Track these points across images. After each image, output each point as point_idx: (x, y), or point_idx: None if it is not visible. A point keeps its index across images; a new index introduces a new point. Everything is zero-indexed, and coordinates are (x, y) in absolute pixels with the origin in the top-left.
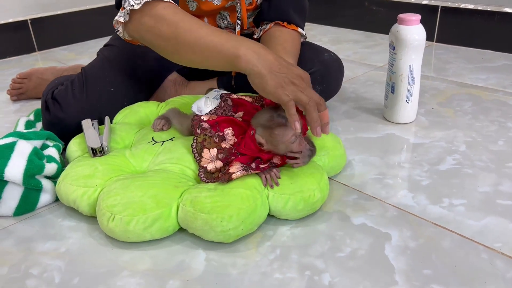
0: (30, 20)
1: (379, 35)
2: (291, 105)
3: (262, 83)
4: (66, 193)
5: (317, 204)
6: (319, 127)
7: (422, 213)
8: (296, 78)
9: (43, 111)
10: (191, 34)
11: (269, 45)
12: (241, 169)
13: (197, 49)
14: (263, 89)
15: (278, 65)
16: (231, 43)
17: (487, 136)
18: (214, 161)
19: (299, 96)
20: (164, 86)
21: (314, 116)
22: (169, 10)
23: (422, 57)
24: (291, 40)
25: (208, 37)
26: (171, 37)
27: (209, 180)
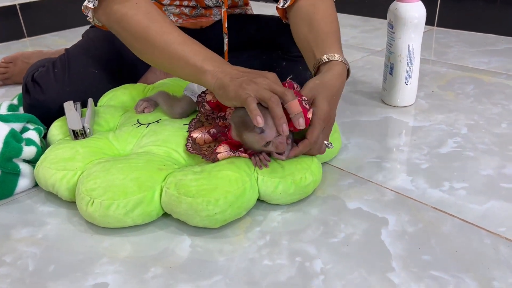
0: (18, 5)
1: (378, 20)
2: (250, 100)
3: (224, 92)
4: (45, 177)
5: (309, 188)
6: (284, 124)
7: (421, 197)
8: (258, 77)
9: (24, 94)
10: (161, 38)
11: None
12: (228, 151)
13: (165, 54)
14: (226, 97)
15: (239, 73)
16: (200, 57)
17: (490, 118)
18: (204, 133)
19: (260, 93)
20: (153, 68)
21: (277, 112)
22: (142, 4)
23: (421, 36)
24: (329, 15)
25: (179, 46)
26: (141, 36)
27: (194, 151)
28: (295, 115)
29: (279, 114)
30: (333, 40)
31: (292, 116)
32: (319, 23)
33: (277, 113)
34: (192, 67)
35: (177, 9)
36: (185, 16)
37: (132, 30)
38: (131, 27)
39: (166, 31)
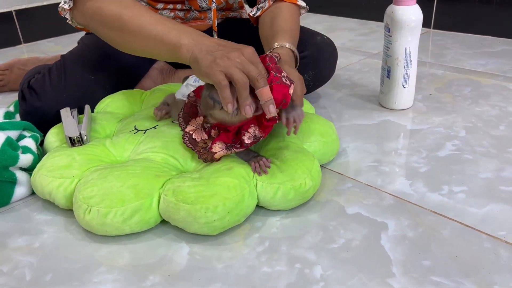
0: (15, 12)
1: (375, 23)
2: (223, 85)
3: (198, 65)
4: (41, 185)
5: (308, 193)
6: (248, 106)
7: (421, 201)
8: (233, 52)
9: (20, 100)
10: (134, 22)
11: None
12: (224, 148)
13: (141, 37)
14: (199, 71)
15: (215, 46)
16: (174, 33)
17: (488, 121)
18: (200, 129)
19: (232, 72)
20: (150, 74)
21: (242, 95)
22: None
23: (418, 39)
24: (290, 17)
25: (151, 26)
26: (115, 24)
27: (191, 145)
28: (265, 102)
29: (243, 97)
30: (288, 34)
31: (262, 103)
32: (279, 22)
33: (242, 95)
34: (168, 44)
35: (171, 13)
36: (180, 20)
37: (107, 20)
38: (105, 18)
39: (138, 13)
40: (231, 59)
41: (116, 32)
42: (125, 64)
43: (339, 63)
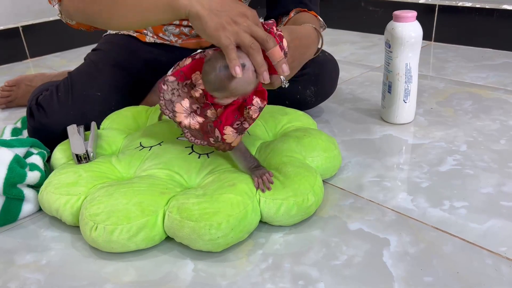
0: (21, 27)
1: (376, 36)
2: (231, 49)
3: (201, 25)
4: (49, 202)
5: (311, 209)
6: (266, 72)
7: (422, 217)
8: (239, 16)
9: (28, 117)
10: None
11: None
12: (235, 133)
13: (134, 6)
14: (204, 32)
15: (219, 3)
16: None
17: (489, 135)
18: (190, 114)
19: (241, 37)
20: (155, 90)
21: (259, 60)
22: None
23: (419, 54)
24: (311, 20)
25: None
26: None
27: (198, 140)
28: (278, 62)
29: (260, 62)
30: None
31: (275, 64)
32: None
33: (258, 61)
34: (164, 3)
35: (176, 29)
36: (185, 36)
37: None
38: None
39: None
40: (238, 24)
41: (108, 7)
42: (131, 80)
43: (341, 77)
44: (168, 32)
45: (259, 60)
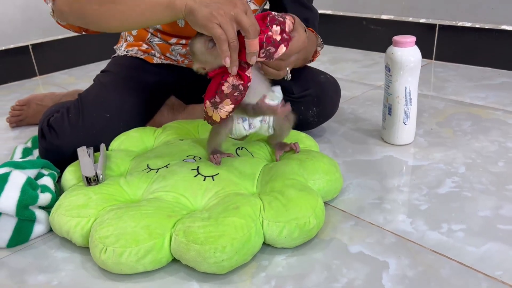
0: (31, 46)
1: (378, 54)
2: (222, 40)
3: (194, 17)
4: (60, 224)
5: (312, 231)
6: (227, 57)
7: (421, 240)
8: (228, 5)
9: (39, 138)
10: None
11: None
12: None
13: (133, 5)
14: (196, 23)
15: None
16: None
17: (487, 157)
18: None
19: (226, 28)
20: (162, 110)
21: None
22: None
23: (418, 78)
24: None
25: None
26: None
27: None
28: (249, 53)
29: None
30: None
31: (247, 53)
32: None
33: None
34: (162, 2)
35: (183, 49)
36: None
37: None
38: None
39: None
40: (226, 12)
41: (106, 7)
42: (139, 101)
43: (343, 96)
44: (175, 52)
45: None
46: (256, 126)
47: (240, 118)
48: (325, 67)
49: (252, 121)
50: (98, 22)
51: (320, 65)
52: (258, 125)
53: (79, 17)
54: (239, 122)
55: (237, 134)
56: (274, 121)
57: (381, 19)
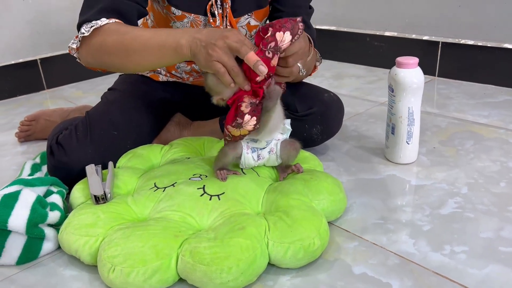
0: (39, 60)
1: (381, 70)
2: (222, 73)
3: (197, 60)
4: (68, 242)
5: (317, 252)
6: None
7: (423, 261)
8: (219, 39)
9: (48, 155)
10: (137, 41)
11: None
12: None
13: (145, 53)
14: (200, 65)
15: (205, 35)
16: (172, 38)
17: (489, 177)
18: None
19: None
20: (168, 127)
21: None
22: (113, 27)
23: (421, 99)
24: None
25: (152, 39)
26: (119, 50)
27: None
28: (254, 65)
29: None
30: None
31: (252, 67)
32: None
33: (238, 81)
34: (170, 49)
35: (188, 66)
36: (196, 73)
37: (112, 50)
38: (110, 48)
39: (137, 34)
40: (219, 47)
41: (123, 57)
42: (146, 119)
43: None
44: (180, 69)
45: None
46: (265, 157)
47: (250, 149)
48: (328, 83)
49: (260, 152)
50: (117, 68)
51: (323, 80)
52: (266, 156)
53: (100, 64)
54: (248, 153)
55: (246, 164)
56: (281, 150)
57: (385, 35)
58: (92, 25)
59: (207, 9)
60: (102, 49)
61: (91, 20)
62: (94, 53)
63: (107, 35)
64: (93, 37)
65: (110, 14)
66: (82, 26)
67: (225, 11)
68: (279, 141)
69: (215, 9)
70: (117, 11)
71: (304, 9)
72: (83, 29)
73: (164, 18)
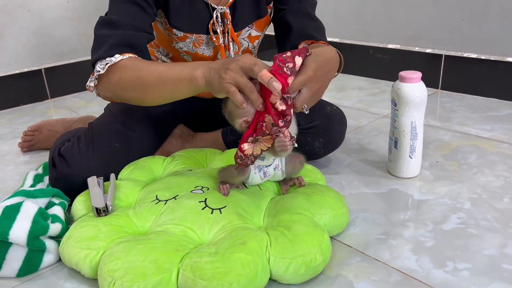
0: (44, 69)
1: (384, 82)
2: (232, 92)
3: (212, 88)
4: (69, 255)
5: (319, 268)
6: (261, 104)
7: (426, 278)
8: (232, 63)
9: (50, 167)
10: (152, 76)
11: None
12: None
13: (161, 87)
14: (214, 90)
15: (219, 65)
16: (187, 70)
17: (492, 192)
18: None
19: (237, 80)
20: (171, 138)
21: (252, 98)
22: (128, 63)
23: (424, 113)
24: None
25: (167, 73)
26: (136, 85)
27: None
28: (267, 82)
29: (254, 99)
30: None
31: (266, 83)
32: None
33: (252, 98)
34: (185, 81)
35: None
36: None
37: (129, 86)
38: (127, 84)
39: (152, 70)
40: (232, 70)
41: (140, 92)
42: (148, 131)
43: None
44: None
45: (253, 97)
46: (271, 174)
47: (257, 168)
48: (331, 95)
49: (266, 170)
50: (135, 102)
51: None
52: (272, 173)
53: (119, 99)
54: (256, 173)
55: (253, 183)
56: (286, 165)
57: (388, 48)
58: (106, 62)
59: (208, 28)
60: (119, 85)
61: (105, 57)
62: (112, 90)
63: (123, 72)
64: (109, 74)
65: (122, 49)
66: (96, 64)
67: (226, 27)
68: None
69: (217, 27)
70: (128, 44)
71: (306, 2)
72: (98, 67)
73: (167, 38)
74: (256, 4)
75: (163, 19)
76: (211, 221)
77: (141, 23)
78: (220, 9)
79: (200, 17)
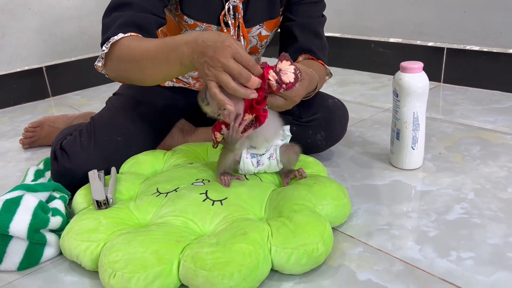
0: (45, 68)
1: (386, 76)
2: (215, 93)
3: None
4: (70, 248)
5: (321, 258)
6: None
7: (429, 268)
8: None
9: (52, 161)
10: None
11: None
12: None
13: (155, 67)
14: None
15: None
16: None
17: (496, 182)
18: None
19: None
20: (172, 133)
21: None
22: (126, 42)
23: (426, 104)
24: (317, 68)
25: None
26: (133, 65)
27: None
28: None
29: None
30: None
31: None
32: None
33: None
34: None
35: (195, 72)
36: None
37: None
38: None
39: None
40: (213, 67)
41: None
42: (150, 124)
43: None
44: (187, 74)
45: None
46: (265, 163)
47: (249, 153)
48: (333, 89)
49: (260, 158)
50: (137, 82)
51: (328, 87)
52: (266, 163)
53: (123, 79)
54: (247, 158)
55: (245, 170)
56: (281, 155)
57: (389, 42)
58: (110, 41)
59: (220, 19)
60: (119, 64)
61: (111, 36)
62: (114, 69)
63: (120, 51)
64: (112, 52)
65: (128, 28)
66: (104, 44)
67: (237, 21)
68: (279, 146)
69: (228, 18)
70: (135, 24)
71: (315, 18)
72: (104, 46)
73: (176, 25)
74: (270, 5)
75: (175, 5)
76: (212, 213)
77: (153, 7)
78: (233, 1)
79: (213, 7)
